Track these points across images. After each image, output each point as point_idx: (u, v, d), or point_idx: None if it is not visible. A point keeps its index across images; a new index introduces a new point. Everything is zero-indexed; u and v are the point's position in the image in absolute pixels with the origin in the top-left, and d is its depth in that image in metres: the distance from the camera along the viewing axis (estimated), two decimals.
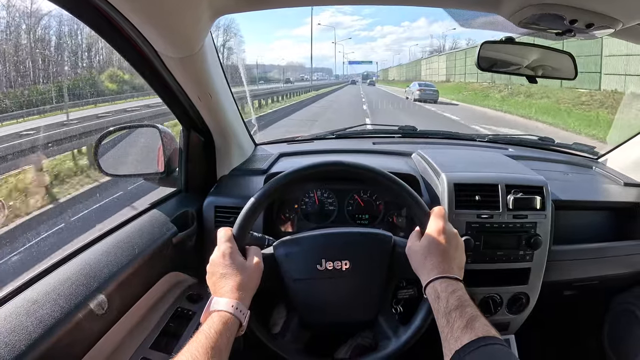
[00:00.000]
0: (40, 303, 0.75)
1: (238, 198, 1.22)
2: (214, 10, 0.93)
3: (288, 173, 0.97)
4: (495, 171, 1.29)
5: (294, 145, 1.73)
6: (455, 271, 0.85)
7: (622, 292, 1.58)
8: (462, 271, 0.88)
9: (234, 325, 0.78)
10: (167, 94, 1.11)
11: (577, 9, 0.88)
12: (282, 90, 27.63)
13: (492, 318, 1.26)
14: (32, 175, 5.16)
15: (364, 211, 1.34)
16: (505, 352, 0.69)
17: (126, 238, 1.01)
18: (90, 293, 0.82)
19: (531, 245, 1.19)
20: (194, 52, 0.99)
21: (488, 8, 1.01)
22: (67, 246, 0.94)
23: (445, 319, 0.76)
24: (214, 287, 0.85)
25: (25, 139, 5.84)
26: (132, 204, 4.16)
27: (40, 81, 9.27)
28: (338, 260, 0.94)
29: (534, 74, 1.22)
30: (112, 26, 0.82)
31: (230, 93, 1.30)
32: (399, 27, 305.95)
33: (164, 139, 1.20)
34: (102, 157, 1.17)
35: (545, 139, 1.88)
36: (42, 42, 9.92)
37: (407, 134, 1.85)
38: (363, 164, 0.99)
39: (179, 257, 1.14)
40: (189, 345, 0.71)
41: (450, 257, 0.87)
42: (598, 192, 1.49)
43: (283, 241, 0.98)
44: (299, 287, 0.95)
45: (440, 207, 0.94)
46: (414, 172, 1.33)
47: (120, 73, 13.20)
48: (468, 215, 1.19)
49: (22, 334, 0.68)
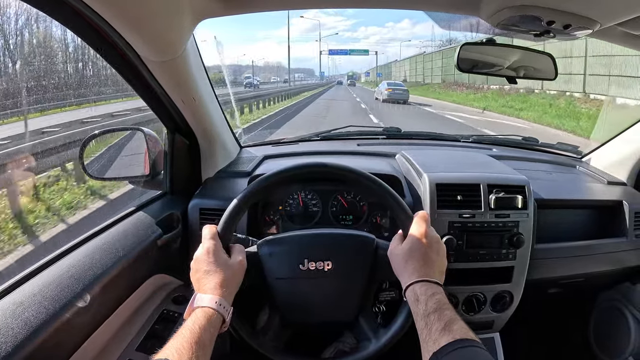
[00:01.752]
0: (25, 305, 0.75)
1: (223, 200, 1.22)
2: (196, 14, 0.94)
3: (271, 174, 0.98)
4: (478, 171, 1.30)
5: (279, 147, 1.74)
6: (436, 275, 0.86)
7: (608, 289, 1.60)
8: (443, 276, 0.89)
9: (217, 321, 0.78)
10: (151, 97, 1.11)
11: (554, 10, 0.89)
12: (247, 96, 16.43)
13: (475, 317, 1.28)
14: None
15: (348, 212, 1.35)
16: (482, 355, 0.70)
17: (111, 240, 1.01)
18: (76, 295, 0.82)
19: (514, 243, 1.21)
20: (177, 56, 0.99)
21: (467, 11, 1.02)
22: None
23: (423, 321, 0.77)
24: (197, 284, 0.85)
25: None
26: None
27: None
28: (320, 261, 0.95)
29: (515, 75, 1.23)
30: (94, 30, 0.82)
31: (215, 96, 1.31)
32: (383, 28, 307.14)
33: (149, 142, 1.20)
34: (87, 160, 1.17)
35: (529, 139, 1.90)
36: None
37: (391, 135, 1.87)
38: (346, 165, 1.00)
39: (164, 259, 1.15)
40: (173, 340, 0.71)
41: (432, 261, 0.87)
42: (582, 190, 1.51)
43: (267, 240, 0.99)
44: (281, 286, 0.96)
45: (424, 211, 0.95)
46: (397, 173, 1.34)
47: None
48: (450, 215, 1.20)
49: (7, 336, 0.68)
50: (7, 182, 3.98)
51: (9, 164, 4.12)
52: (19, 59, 8.38)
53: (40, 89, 8.12)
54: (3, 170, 4.04)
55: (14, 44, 8.41)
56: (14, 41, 8.49)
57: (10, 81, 7.60)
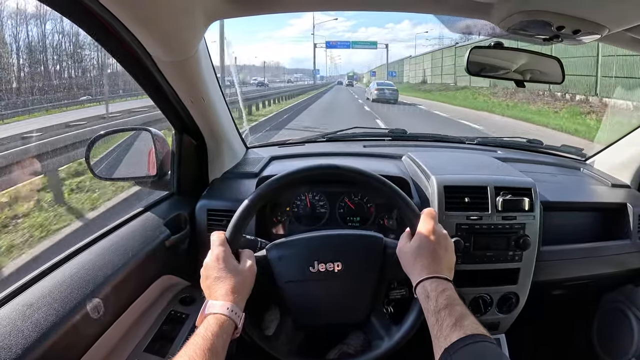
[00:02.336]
0: (35, 307, 0.75)
1: (230, 201, 1.22)
2: (208, 15, 0.94)
3: (281, 176, 0.98)
4: (484, 173, 1.31)
5: (285, 149, 1.74)
6: (444, 271, 0.86)
7: (611, 291, 1.61)
8: (452, 271, 0.89)
9: (229, 328, 0.78)
10: (160, 97, 1.11)
11: (565, 15, 0.89)
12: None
13: (482, 318, 1.28)
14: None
15: (355, 214, 1.35)
16: (493, 350, 0.70)
17: (120, 241, 1.01)
18: (85, 296, 0.82)
19: (520, 246, 1.21)
20: (189, 57, 0.99)
21: (479, 15, 1.03)
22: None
23: (434, 317, 0.78)
24: (208, 291, 0.85)
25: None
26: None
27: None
28: (330, 262, 0.95)
29: (522, 79, 1.24)
30: (106, 29, 0.82)
31: (223, 97, 1.30)
32: (383, 29, 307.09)
33: (156, 142, 1.20)
34: (94, 161, 1.17)
35: (534, 141, 1.90)
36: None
37: (397, 136, 1.87)
38: (354, 167, 1.00)
39: (171, 260, 1.14)
40: (186, 347, 0.71)
41: (440, 257, 0.88)
42: (586, 193, 1.52)
43: (275, 244, 0.99)
44: (292, 289, 0.96)
45: (430, 208, 0.96)
46: (404, 174, 1.35)
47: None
48: (458, 216, 1.21)
49: (18, 338, 0.68)
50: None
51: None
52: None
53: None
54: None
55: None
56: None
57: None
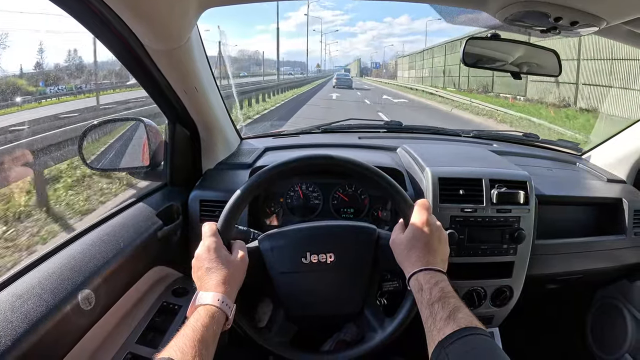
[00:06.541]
0: (25, 298, 0.74)
1: (223, 192, 1.21)
2: (201, 3, 0.92)
3: (272, 166, 0.96)
4: (480, 166, 1.30)
5: (280, 139, 1.73)
6: (438, 263, 0.85)
7: (606, 286, 1.61)
8: (446, 263, 0.88)
9: (220, 319, 0.78)
10: (153, 87, 1.10)
11: (562, 6, 0.88)
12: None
13: (476, 311, 1.27)
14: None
15: (349, 205, 1.34)
16: (487, 342, 0.70)
17: (111, 232, 1.00)
18: (76, 287, 0.81)
19: (515, 239, 1.21)
20: (181, 45, 0.98)
21: (475, 5, 1.01)
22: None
23: (428, 310, 0.77)
24: (199, 282, 0.84)
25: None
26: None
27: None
28: (323, 253, 0.94)
29: (519, 71, 1.22)
30: (97, 17, 0.81)
31: (216, 87, 1.29)
32: (381, 23, 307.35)
33: (149, 133, 1.19)
34: (86, 151, 1.15)
35: (530, 135, 1.90)
36: None
37: (392, 128, 1.86)
38: (347, 157, 0.99)
39: (164, 251, 1.14)
40: (176, 338, 0.71)
41: (434, 249, 0.87)
42: (581, 187, 1.52)
43: (268, 235, 0.98)
44: (284, 281, 0.95)
45: (424, 199, 0.95)
46: (399, 166, 1.34)
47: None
48: (452, 209, 1.20)
49: (7, 329, 0.67)
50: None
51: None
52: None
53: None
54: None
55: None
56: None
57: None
